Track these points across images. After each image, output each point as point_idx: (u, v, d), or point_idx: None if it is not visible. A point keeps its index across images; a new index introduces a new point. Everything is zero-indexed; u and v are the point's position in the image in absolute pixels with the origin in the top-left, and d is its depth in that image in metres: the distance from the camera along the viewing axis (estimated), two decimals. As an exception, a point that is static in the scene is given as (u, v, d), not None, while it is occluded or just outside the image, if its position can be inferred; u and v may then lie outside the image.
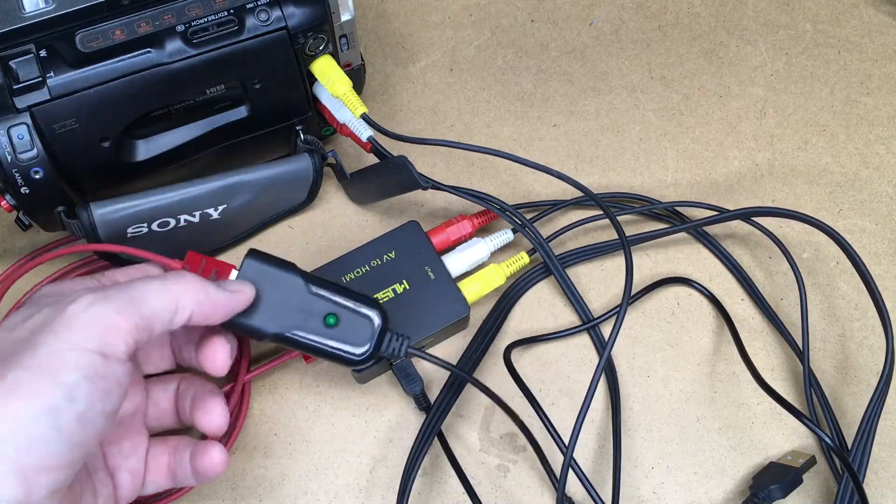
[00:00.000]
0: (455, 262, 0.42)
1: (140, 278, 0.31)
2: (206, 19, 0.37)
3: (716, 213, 0.44)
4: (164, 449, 0.36)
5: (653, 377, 0.43)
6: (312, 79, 0.41)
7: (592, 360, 0.43)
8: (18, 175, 0.35)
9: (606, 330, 0.43)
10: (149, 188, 0.39)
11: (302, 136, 0.43)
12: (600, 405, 0.42)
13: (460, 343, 0.43)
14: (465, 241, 0.44)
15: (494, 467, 0.41)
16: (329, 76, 0.41)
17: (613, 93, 0.50)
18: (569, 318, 0.44)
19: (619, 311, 0.38)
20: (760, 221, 0.45)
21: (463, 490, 0.39)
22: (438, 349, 0.43)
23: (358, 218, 0.47)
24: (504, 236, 0.44)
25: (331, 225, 0.46)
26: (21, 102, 0.35)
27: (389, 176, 0.42)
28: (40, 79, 0.35)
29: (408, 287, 0.41)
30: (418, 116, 0.50)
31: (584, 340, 0.43)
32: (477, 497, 0.38)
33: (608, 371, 0.42)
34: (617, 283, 0.45)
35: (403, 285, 0.41)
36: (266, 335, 0.34)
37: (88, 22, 0.36)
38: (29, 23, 0.35)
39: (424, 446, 0.39)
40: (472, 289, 0.42)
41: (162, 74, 0.36)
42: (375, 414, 0.42)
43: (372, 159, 0.43)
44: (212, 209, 0.41)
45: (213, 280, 0.34)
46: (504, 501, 0.40)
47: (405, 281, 0.41)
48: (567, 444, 0.36)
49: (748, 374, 0.40)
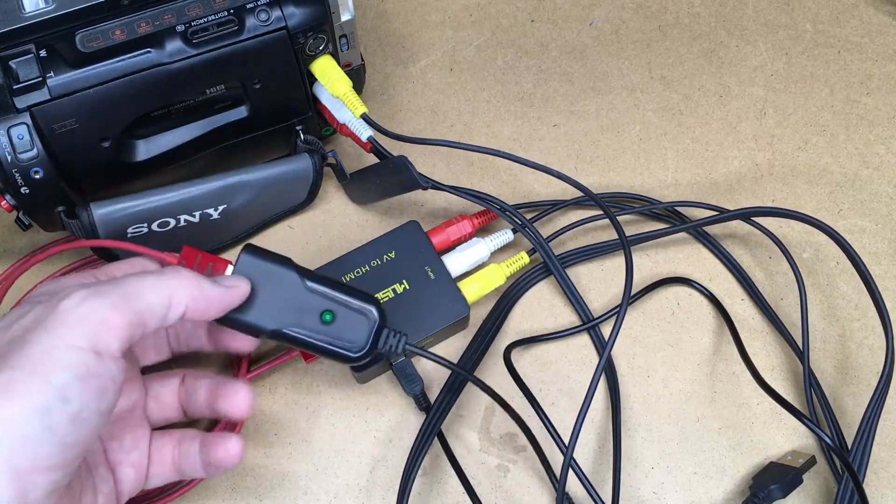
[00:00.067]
0: (455, 262, 0.42)
1: (134, 274, 0.31)
2: (206, 19, 0.37)
3: (716, 213, 0.44)
4: (169, 441, 0.35)
5: (653, 377, 0.42)
6: (312, 79, 0.41)
7: (592, 360, 0.43)
8: (18, 175, 0.35)
9: (606, 330, 0.43)
10: (149, 188, 0.39)
11: (302, 136, 0.43)
12: (600, 405, 0.42)
13: (460, 343, 0.43)
14: (465, 241, 0.44)
15: (494, 467, 0.41)
16: (329, 76, 0.41)
17: (613, 93, 0.50)
18: (569, 318, 0.44)
19: (619, 311, 0.38)
20: (760, 221, 0.45)
21: (463, 490, 0.39)
22: (438, 349, 0.43)
23: (358, 218, 0.47)
24: (504, 236, 0.44)
25: (331, 225, 0.46)
26: (21, 102, 0.35)
27: (389, 176, 0.42)
28: (40, 79, 0.35)
29: (408, 287, 0.41)
30: (418, 116, 0.50)
31: (584, 340, 0.43)
32: (477, 497, 0.38)
33: (608, 371, 0.42)
34: (617, 283, 0.45)
35: (403, 285, 0.41)
36: (262, 331, 0.34)
37: (88, 22, 0.36)
38: (29, 23, 0.35)
39: (424, 446, 0.39)
40: (472, 289, 0.42)
41: (162, 74, 0.36)
42: (375, 414, 0.41)
43: (372, 159, 0.43)
44: (212, 209, 0.41)
45: (209, 275, 0.33)
46: (504, 501, 0.40)
47: (405, 281, 0.41)
48: (567, 444, 0.36)
49: (748, 374, 0.40)
